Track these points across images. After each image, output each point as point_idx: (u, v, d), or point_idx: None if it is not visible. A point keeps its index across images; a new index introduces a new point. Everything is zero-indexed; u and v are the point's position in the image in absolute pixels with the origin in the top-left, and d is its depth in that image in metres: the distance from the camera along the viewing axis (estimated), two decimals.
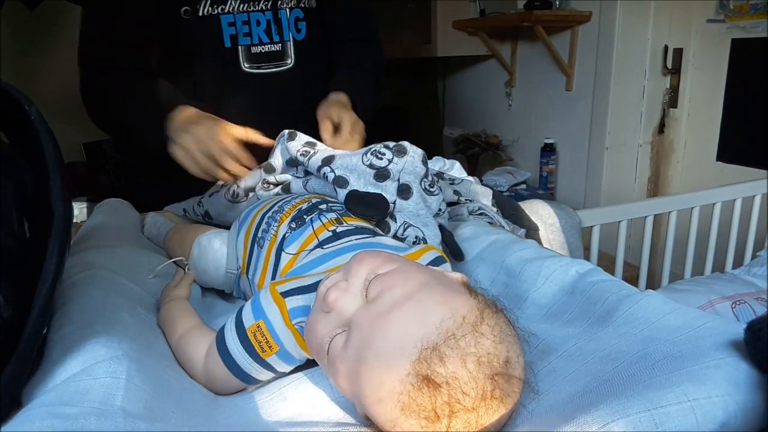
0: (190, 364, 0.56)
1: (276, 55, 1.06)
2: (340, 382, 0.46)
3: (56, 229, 0.45)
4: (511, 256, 0.69)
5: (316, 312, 0.49)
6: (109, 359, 0.45)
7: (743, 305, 1.21)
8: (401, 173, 0.73)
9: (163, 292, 0.68)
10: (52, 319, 0.51)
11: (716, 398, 0.37)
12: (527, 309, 0.62)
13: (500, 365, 0.42)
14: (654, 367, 0.42)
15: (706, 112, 2.04)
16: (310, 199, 0.75)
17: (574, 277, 0.61)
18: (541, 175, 2.48)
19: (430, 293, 0.45)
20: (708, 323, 0.46)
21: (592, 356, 0.48)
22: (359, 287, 0.47)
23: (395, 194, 0.73)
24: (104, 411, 0.40)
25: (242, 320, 0.54)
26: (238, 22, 1.01)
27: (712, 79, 1.98)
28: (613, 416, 0.37)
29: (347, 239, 0.65)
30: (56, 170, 0.47)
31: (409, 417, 0.41)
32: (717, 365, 0.40)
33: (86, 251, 0.68)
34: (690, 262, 1.58)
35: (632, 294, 0.54)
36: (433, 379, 0.40)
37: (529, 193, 2.33)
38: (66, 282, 0.58)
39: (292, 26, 1.07)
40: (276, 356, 0.53)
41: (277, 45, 1.06)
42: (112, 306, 0.55)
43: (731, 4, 1.84)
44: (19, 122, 0.49)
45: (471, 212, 0.92)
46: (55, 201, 0.46)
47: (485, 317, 0.44)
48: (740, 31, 1.85)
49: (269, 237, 0.70)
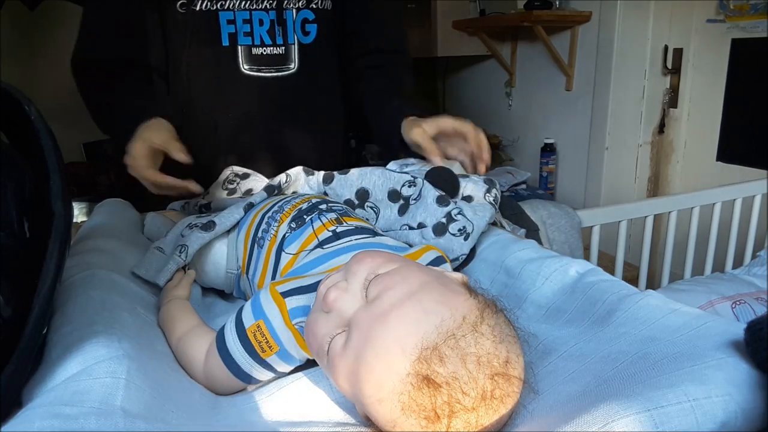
0: (190, 364, 0.56)
1: (278, 58, 1.00)
2: (340, 382, 0.46)
3: (56, 229, 0.45)
4: (510, 256, 0.69)
5: (316, 312, 0.49)
6: (109, 359, 0.45)
7: (743, 305, 1.21)
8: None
9: (163, 292, 0.68)
10: (52, 319, 0.51)
11: (716, 398, 0.37)
12: (527, 309, 0.62)
13: (500, 365, 0.42)
14: (654, 367, 0.42)
15: (706, 112, 2.04)
16: (310, 199, 0.75)
17: (573, 277, 0.61)
18: (541, 175, 2.48)
19: (430, 293, 0.45)
20: (708, 323, 0.46)
21: (592, 356, 0.48)
22: (359, 287, 0.47)
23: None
24: (104, 411, 0.40)
25: (242, 320, 0.54)
26: (239, 20, 0.96)
27: (712, 79, 1.98)
28: (613, 416, 0.37)
29: (347, 239, 0.65)
30: (56, 170, 0.47)
31: (409, 417, 0.41)
32: (717, 365, 0.40)
33: (86, 251, 0.68)
34: (690, 262, 1.58)
35: (632, 294, 0.54)
36: (433, 379, 0.40)
37: (529, 193, 2.33)
38: (66, 282, 0.58)
39: (298, 28, 1.01)
40: (276, 356, 0.53)
41: (280, 48, 1.00)
42: (111, 306, 0.55)
43: (731, 4, 1.84)
44: (19, 122, 0.49)
45: None
46: (55, 201, 0.46)
47: (485, 317, 0.44)
48: (740, 31, 1.85)
49: (269, 237, 0.70)
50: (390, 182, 0.79)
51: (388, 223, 0.78)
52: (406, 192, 0.77)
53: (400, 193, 0.78)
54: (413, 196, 0.76)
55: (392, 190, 0.78)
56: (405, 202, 0.77)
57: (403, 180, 0.78)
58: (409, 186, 0.77)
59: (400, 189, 0.78)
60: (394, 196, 0.78)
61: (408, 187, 0.77)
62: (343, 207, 0.75)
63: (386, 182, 0.79)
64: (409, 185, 0.77)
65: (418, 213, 0.75)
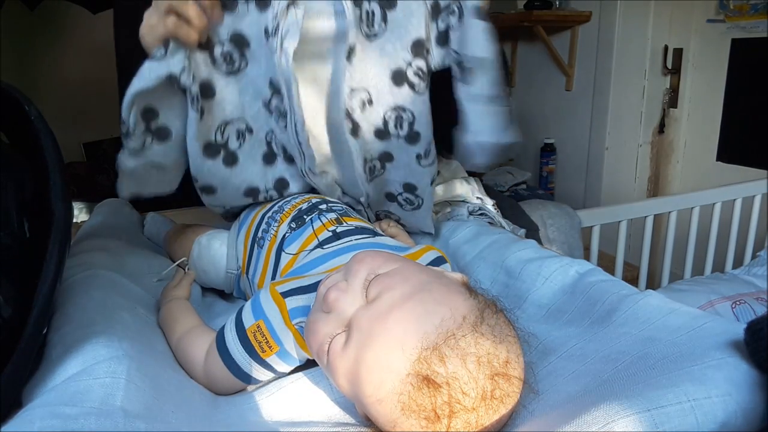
0: (190, 364, 0.56)
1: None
2: (340, 382, 0.46)
3: (56, 229, 0.45)
4: (511, 256, 0.69)
5: (316, 312, 0.49)
6: (109, 359, 0.45)
7: (743, 305, 1.21)
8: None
9: (163, 292, 0.68)
10: (52, 319, 0.51)
11: (716, 398, 0.37)
12: (527, 309, 0.62)
13: (500, 365, 0.42)
14: (654, 367, 0.42)
15: (706, 112, 2.03)
16: (309, 199, 0.75)
17: (574, 277, 0.61)
18: (541, 175, 2.48)
19: (430, 293, 0.45)
20: (708, 323, 0.46)
21: (592, 356, 0.48)
22: (359, 287, 0.47)
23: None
24: (104, 411, 0.40)
25: (242, 320, 0.54)
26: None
27: (712, 79, 1.98)
28: (613, 416, 0.37)
29: (347, 239, 0.65)
30: (56, 170, 0.47)
31: (409, 417, 0.41)
32: (717, 365, 0.40)
33: (86, 251, 0.68)
34: (690, 262, 1.58)
35: (632, 294, 0.54)
36: (433, 379, 0.40)
37: (529, 193, 2.33)
38: (66, 282, 0.58)
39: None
40: (276, 356, 0.53)
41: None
42: (112, 306, 0.55)
43: (731, 4, 1.84)
44: (19, 122, 0.49)
45: (471, 212, 0.92)
46: (55, 201, 0.46)
47: (485, 317, 0.44)
48: (740, 31, 1.85)
49: (269, 237, 0.70)
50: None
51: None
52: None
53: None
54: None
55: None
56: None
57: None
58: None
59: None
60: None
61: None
62: (343, 207, 0.75)
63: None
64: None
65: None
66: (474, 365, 0.41)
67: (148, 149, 0.67)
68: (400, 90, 0.70)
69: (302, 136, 0.69)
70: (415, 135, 0.73)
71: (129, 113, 0.63)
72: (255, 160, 0.75)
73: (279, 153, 0.77)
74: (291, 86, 0.65)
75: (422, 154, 0.74)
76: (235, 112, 0.70)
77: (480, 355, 0.41)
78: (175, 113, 0.67)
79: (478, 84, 0.70)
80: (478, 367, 0.41)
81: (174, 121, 0.67)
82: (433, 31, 0.69)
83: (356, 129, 0.71)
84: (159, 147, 0.68)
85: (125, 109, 0.63)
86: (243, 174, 0.75)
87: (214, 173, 0.72)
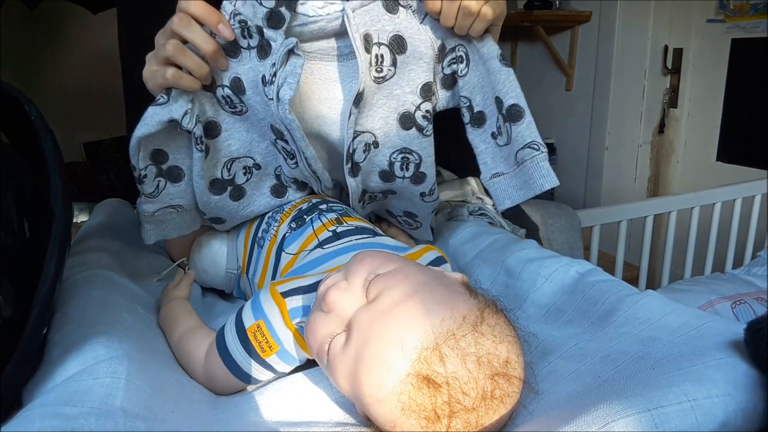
0: (190, 364, 0.56)
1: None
2: (341, 382, 0.46)
3: (56, 229, 0.45)
4: (511, 256, 0.69)
5: (316, 312, 0.49)
6: (110, 359, 0.45)
7: (743, 305, 1.21)
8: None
9: (163, 292, 0.68)
10: (52, 319, 0.51)
11: (716, 398, 0.37)
12: (527, 309, 0.62)
13: (500, 365, 0.42)
14: (654, 367, 0.42)
15: (706, 112, 2.03)
16: (310, 199, 0.75)
17: (573, 277, 0.61)
18: None
19: (430, 293, 0.45)
20: (708, 323, 0.46)
21: (592, 356, 0.48)
22: (359, 287, 0.47)
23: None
24: (104, 411, 0.40)
25: (242, 320, 0.54)
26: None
27: (712, 79, 1.98)
28: (613, 416, 0.37)
29: (347, 239, 0.65)
30: (56, 170, 0.47)
31: (409, 417, 0.41)
32: (717, 365, 0.40)
33: (86, 251, 0.68)
34: (690, 262, 1.58)
35: (632, 294, 0.54)
36: (433, 379, 0.40)
37: None
38: (66, 282, 0.58)
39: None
40: (276, 356, 0.53)
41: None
42: (112, 306, 0.55)
43: (731, 4, 1.84)
44: (19, 122, 0.49)
45: (471, 212, 0.92)
46: (55, 201, 0.46)
47: (485, 317, 0.44)
48: (740, 31, 1.85)
49: (269, 237, 0.70)
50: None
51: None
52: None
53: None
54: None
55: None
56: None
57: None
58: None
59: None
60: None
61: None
62: (344, 207, 0.75)
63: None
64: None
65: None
66: (474, 365, 0.41)
67: (164, 192, 0.67)
68: (408, 133, 0.69)
69: (316, 166, 0.69)
70: (420, 176, 0.72)
71: (137, 158, 0.63)
72: (263, 192, 0.75)
73: (289, 185, 0.76)
74: (294, 132, 0.64)
75: (426, 192, 0.74)
76: (242, 150, 0.70)
77: (480, 355, 0.41)
78: (185, 152, 0.66)
79: (516, 132, 0.69)
80: (478, 367, 0.41)
81: (185, 160, 0.67)
82: (439, 74, 0.68)
83: (356, 170, 0.70)
84: (173, 188, 0.67)
85: (132, 155, 0.62)
86: (251, 206, 0.75)
87: (221, 207, 0.72)
